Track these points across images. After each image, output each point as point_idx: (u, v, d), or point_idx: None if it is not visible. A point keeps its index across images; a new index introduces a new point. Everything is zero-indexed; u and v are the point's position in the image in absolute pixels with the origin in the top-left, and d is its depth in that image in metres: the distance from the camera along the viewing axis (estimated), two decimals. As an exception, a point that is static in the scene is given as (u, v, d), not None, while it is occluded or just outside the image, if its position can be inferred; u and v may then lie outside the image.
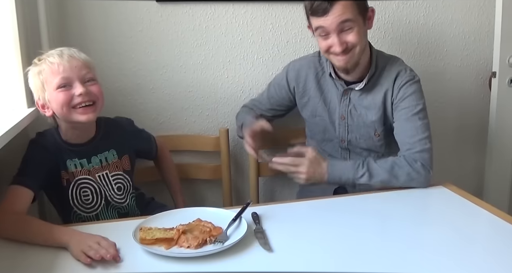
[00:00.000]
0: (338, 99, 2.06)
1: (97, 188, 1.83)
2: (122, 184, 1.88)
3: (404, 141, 1.93)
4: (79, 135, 1.80)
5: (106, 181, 1.85)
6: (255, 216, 1.63)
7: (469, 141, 2.81)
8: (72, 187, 1.79)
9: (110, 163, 1.86)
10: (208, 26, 2.36)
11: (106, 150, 1.85)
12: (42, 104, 1.74)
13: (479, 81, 2.73)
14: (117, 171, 1.87)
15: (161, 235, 1.44)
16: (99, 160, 1.83)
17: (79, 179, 1.79)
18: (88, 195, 1.81)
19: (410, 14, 2.55)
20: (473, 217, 1.69)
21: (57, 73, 1.68)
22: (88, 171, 1.81)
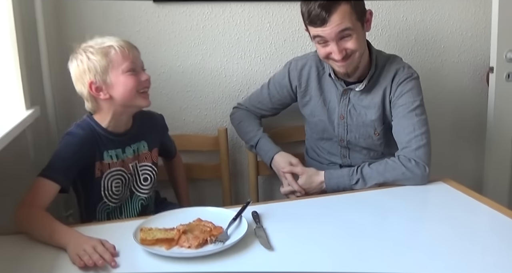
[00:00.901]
0: (337, 99, 2.06)
1: (127, 179, 1.85)
2: (149, 175, 1.90)
3: (401, 140, 1.93)
4: (122, 123, 1.81)
5: (135, 171, 1.87)
6: (255, 215, 1.63)
7: (468, 137, 2.82)
8: (105, 178, 1.79)
9: (140, 154, 1.88)
10: (205, 26, 2.36)
11: (138, 141, 1.88)
12: (98, 86, 1.71)
13: (477, 77, 2.74)
14: (145, 162, 1.90)
15: (161, 236, 1.44)
16: (132, 150, 1.85)
17: (112, 171, 1.80)
18: (119, 186, 1.83)
19: (407, 12, 2.55)
20: (473, 212, 1.69)
21: (127, 57, 1.71)
22: (122, 161, 1.82)
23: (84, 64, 1.70)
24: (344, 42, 1.86)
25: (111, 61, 1.69)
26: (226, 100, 2.45)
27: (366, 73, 1.99)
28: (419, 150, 1.88)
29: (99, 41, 1.73)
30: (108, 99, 1.73)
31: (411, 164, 1.86)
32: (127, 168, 1.84)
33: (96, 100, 1.75)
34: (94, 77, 1.69)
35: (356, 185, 1.88)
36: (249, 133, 2.20)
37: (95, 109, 1.77)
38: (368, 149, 2.10)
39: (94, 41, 1.74)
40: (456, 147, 2.81)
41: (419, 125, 1.91)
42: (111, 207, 1.83)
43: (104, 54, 1.70)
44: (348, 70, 1.93)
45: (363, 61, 1.96)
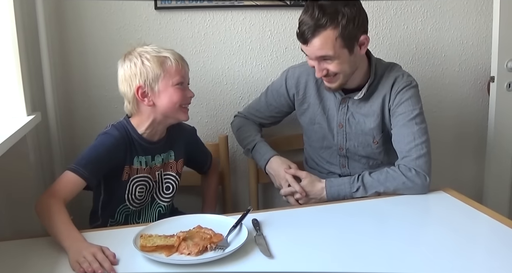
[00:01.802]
0: (336, 107, 2.06)
1: (151, 186, 1.89)
2: (171, 184, 1.94)
3: (401, 149, 1.93)
4: (157, 132, 1.85)
5: (159, 179, 1.91)
6: (255, 222, 1.63)
7: (468, 146, 2.82)
8: (131, 182, 1.82)
9: (167, 163, 1.92)
10: (206, 33, 2.37)
11: (167, 151, 1.91)
12: (145, 92, 1.76)
13: (478, 86, 2.74)
14: (170, 171, 1.93)
15: (161, 242, 1.44)
16: (162, 159, 1.89)
17: (139, 176, 1.84)
18: (143, 192, 1.87)
19: (408, 20, 2.56)
20: (473, 221, 1.69)
21: (180, 71, 1.78)
22: (150, 168, 1.86)
23: (137, 68, 1.75)
24: (326, 64, 1.88)
25: (165, 71, 1.75)
26: (227, 107, 2.46)
27: (365, 81, 1.99)
28: (420, 159, 1.88)
29: (155, 49, 1.79)
30: (151, 106, 1.78)
31: (411, 174, 1.86)
32: (153, 176, 1.88)
33: (138, 104, 1.80)
34: (144, 82, 1.75)
35: (357, 192, 1.88)
36: (247, 138, 2.20)
37: (133, 112, 1.82)
38: (367, 157, 2.10)
39: (151, 48, 1.79)
40: (457, 156, 2.81)
41: (419, 134, 1.91)
42: (131, 210, 1.87)
43: (160, 63, 1.75)
44: (332, 87, 1.96)
45: (358, 74, 1.96)
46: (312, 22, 1.79)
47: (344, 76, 1.91)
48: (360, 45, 1.89)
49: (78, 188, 1.67)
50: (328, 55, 1.83)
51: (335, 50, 1.82)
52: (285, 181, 1.99)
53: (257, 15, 2.40)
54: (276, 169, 2.04)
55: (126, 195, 1.83)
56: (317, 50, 1.83)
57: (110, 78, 2.28)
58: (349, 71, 1.91)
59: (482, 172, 2.78)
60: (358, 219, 1.71)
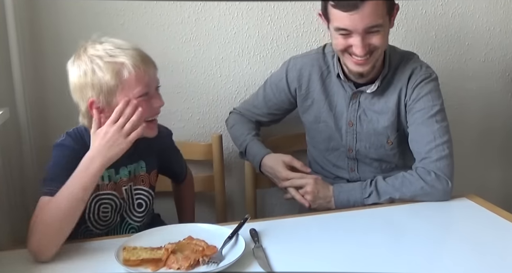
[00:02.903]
0: (345, 103, 2.06)
1: (118, 204, 1.80)
2: (143, 201, 1.86)
3: (419, 150, 1.93)
4: None
5: (128, 195, 1.82)
6: (253, 232, 1.64)
7: (495, 147, 2.83)
8: (92, 201, 1.75)
9: (137, 175, 1.84)
10: (198, 19, 2.38)
11: (135, 161, 1.83)
12: (100, 107, 1.65)
13: (506, 79, 2.75)
14: (142, 185, 1.85)
15: (147, 256, 1.45)
16: (128, 171, 1.80)
17: (102, 194, 1.76)
18: (108, 212, 1.79)
19: (426, 4, 2.57)
20: (501, 233, 1.69)
21: (141, 80, 1.65)
22: (115, 184, 1.78)
23: (87, 78, 1.64)
24: (370, 37, 1.84)
25: (122, 83, 1.63)
26: (222, 103, 2.47)
27: (378, 73, 1.99)
28: (441, 161, 1.88)
29: (109, 51, 1.65)
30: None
31: (431, 178, 1.86)
32: (120, 192, 1.80)
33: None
34: (98, 96, 1.64)
35: (369, 199, 1.88)
36: (238, 138, 2.22)
37: (90, 126, 1.67)
38: (379, 160, 2.11)
39: (103, 49, 1.65)
40: (482, 158, 2.82)
41: (440, 133, 1.91)
42: (94, 232, 1.80)
43: (115, 74, 1.62)
44: (365, 70, 1.92)
45: (379, 59, 1.96)
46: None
47: (381, 53, 1.91)
48: (392, 16, 1.91)
49: None
50: (378, 24, 1.82)
51: (383, 17, 1.83)
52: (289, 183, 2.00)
53: (255, -2, 2.41)
54: (271, 171, 2.06)
55: (86, 214, 1.75)
56: (368, 17, 1.79)
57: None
58: (383, 48, 1.91)
59: (511, 176, 2.79)
60: (369, 230, 1.72)
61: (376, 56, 1.90)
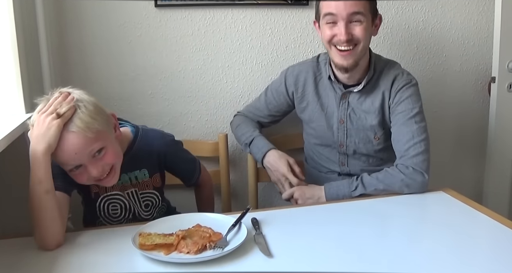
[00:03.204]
0: (336, 103, 2.07)
1: (126, 204, 1.78)
2: (150, 201, 1.82)
3: (399, 149, 1.94)
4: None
5: (135, 198, 1.79)
6: (254, 221, 1.64)
7: (469, 146, 2.83)
8: (101, 201, 1.75)
9: (140, 181, 1.78)
10: (207, 31, 2.38)
11: (137, 169, 1.76)
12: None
13: (479, 86, 2.75)
14: (147, 189, 1.80)
15: (160, 241, 1.45)
16: (129, 178, 1.76)
17: (109, 195, 1.76)
18: (117, 210, 1.78)
19: (409, 19, 2.57)
20: (473, 222, 1.69)
21: (68, 153, 1.49)
22: (118, 187, 1.75)
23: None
24: (353, 27, 1.89)
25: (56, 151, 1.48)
26: (227, 106, 2.46)
27: (364, 75, 2.01)
28: (417, 157, 1.89)
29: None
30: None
31: (409, 171, 1.87)
32: (124, 194, 1.78)
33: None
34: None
35: (356, 191, 1.89)
36: (245, 134, 2.21)
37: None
38: (367, 155, 2.11)
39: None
40: (457, 156, 2.82)
41: (418, 132, 1.92)
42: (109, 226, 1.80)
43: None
44: (349, 63, 1.94)
45: (363, 61, 1.98)
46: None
47: (362, 48, 1.92)
48: (375, 25, 1.97)
49: (66, 203, 1.60)
50: (360, 12, 1.87)
51: (366, 9, 1.88)
52: (285, 179, 2.02)
53: (258, 13, 2.40)
54: (273, 164, 2.06)
55: (98, 213, 1.76)
56: (351, 4, 1.86)
57: (110, 77, 2.30)
58: (366, 45, 1.94)
59: (482, 173, 2.78)
60: (357, 218, 1.72)
61: (358, 50, 1.92)
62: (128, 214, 1.80)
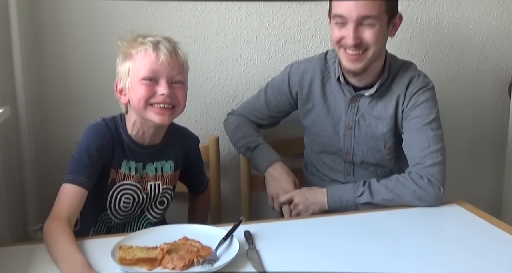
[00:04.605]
0: (345, 107, 2.06)
1: (140, 198, 1.83)
2: (166, 198, 1.90)
3: (413, 155, 1.94)
4: (147, 135, 1.80)
5: (154, 193, 1.86)
6: (248, 234, 1.63)
7: (486, 154, 2.83)
8: (115, 190, 1.79)
9: (165, 174, 1.87)
10: (198, 23, 2.38)
11: (164, 160, 1.87)
12: (121, 88, 1.75)
13: (498, 88, 2.75)
14: (169, 184, 1.89)
15: (143, 255, 1.44)
16: (155, 168, 1.85)
17: (126, 184, 1.80)
18: (129, 204, 1.82)
19: (421, 13, 2.57)
20: (490, 239, 1.69)
21: (148, 64, 1.68)
22: (140, 178, 1.82)
23: (117, 63, 1.78)
24: (363, 30, 1.87)
25: (133, 65, 1.71)
26: (219, 106, 2.46)
27: (378, 78, 2.00)
28: (434, 167, 1.89)
29: (139, 38, 1.73)
30: (127, 103, 1.77)
31: (423, 182, 1.86)
32: (144, 187, 1.83)
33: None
34: (120, 79, 1.75)
35: (361, 197, 1.88)
36: (247, 137, 2.21)
37: (125, 110, 1.81)
38: (375, 165, 2.11)
39: (133, 38, 1.74)
40: (473, 166, 2.82)
41: (434, 140, 1.92)
42: (113, 222, 1.83)
43: (127, 58, 1.72)
44: (357, 68, 1.93)
45: (376, 64, 1.97)
46: None
47: (374, 54, 1.91)
48: (393, 25, 1.95)
49: (81, 199, 1.65)
50: (372, 16, 1.84)
51: (380, 11, 1.85)
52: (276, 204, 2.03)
53: (254, 4, 2.41)
54: (279, 177, 2.06)
55: (107, 203, 1.79)
56: (362, 5, 1.83)
57: (89, 71, 2.30)
58: (378, 50, 1.92)
59: (501, 184, 2.79)
60: (361, 233, 1.71)
61: (368, 55, 1.91)
62: (137, 210, 1.85)
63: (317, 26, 2.41)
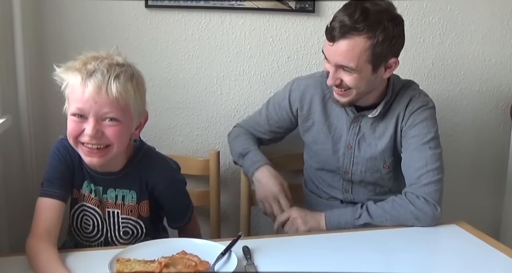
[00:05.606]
0: (346, 127, 2.07)
1: (100, 224, 1.76)
2: (130, 229, 1.78)
3: (410, 176, 1.94)
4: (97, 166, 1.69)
5: (114, 221, 1.77)
6: (246, 250, 1.63)
7: (486, 175, 2.83)
8: (76, 209, 1.76)
9: (126, 204, 1.76)
10: (201, 37, 2.39)
11: (127, 188, 1.75)
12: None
13: (500, 109, 2.76)
14: (130, 215, 1.77)
15: (140, 268, 1.45)
16: (115, 195, 1.75)
17: (86, 205, 1.75)
18: (89, 226, 1.77)
19: (425, 32, 2.59)
20: (488, 261, 1.70)
21: (75, 100, 1.56)
22: (99, 202, 1.74)
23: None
24: (342, 73, 1.88)
25: (67, 95, 1.61)
26: (221, 120, 2.47)
27: (381, 99, 2.01)
28: (429, 186, 1.89)
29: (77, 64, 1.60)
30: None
31: (419, 202, 1.86)
32: (103, 212, 1.76)
33: None
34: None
35: (359, 219, 1.89)
36: (242, 145, 2.21)
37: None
38: (374, 184, 2.11)
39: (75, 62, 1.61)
40: (472, 186, 2.82)
41: (432, 159, 1.92)
42: (80, 243, 1.80)
43: (66, 85, 1.60)
44: (340, 101, 1.97)
45: (376, 91, 1.98)
46: (349, 22, 1.80)
47: (357, 94, 1.93)
48: (386, 68, 1.91)
49: (58, 211, 1.63)
50: (348, 66, 1.84)
51: (359, 63, 1.83)
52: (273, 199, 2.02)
53: (258, 19, 2.42)
54: (266, 181, 2.06)
55: (70, 221, 1.77)
56: (340, 55, 1.84)
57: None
58: (364, 90, 1.93)
59: (501, 205, 2.79)
60: (359, 252, 1.72)
61: (352, 93, 1.93)
62: (100, 235, 1.79)
63: (320, 43, 2.42)
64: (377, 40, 1.81)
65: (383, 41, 1.82)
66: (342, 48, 1.82)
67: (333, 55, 1.86)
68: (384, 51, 1.84)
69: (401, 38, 1.90)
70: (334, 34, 1.82)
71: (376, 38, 1.81)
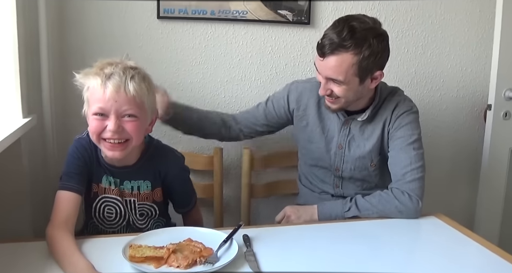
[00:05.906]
0: (337, 128, 2.06)
1: (122, 210, 1.77)
2: (145, 211, 1.80)
3: (396, 173, 1.94)
4: (115, 159, 1.68)
5: (131, 207, 1.77)
6: (246, 238, 1.63)
7: (462, 172, 2.84)
8: (98, 202, 1.76)
9: (142, 193, 1.77)
10: (207, 45, 2.39)
11: (142, 179, 1.77)
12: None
13: (474, 113, 2.76)
14: (146, 201, 1.79)
15: (151, 253, 1.44)
16: (131, 187, 1.76)
17: (107, 196, 1.75)
18: (112, 214, 1.77)
19: (408, 44, 2.59)
20: (463, 249, 1.70)
21: (96, 100, 1.57)
22: (119, 191, 1.75)
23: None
24: (332, 85, 1.88)
25: (88, 97, 1.61)
26: (224, 120, 2.46)
27: (369, 103, 2.01)
28: (413, 183, 1.89)
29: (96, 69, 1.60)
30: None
31: (404, 197, 1.87)
32: (123, 200, 1.77)
33: None
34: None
35: (349, 212, 1.89)
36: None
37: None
38: (362, 180, 2.11)
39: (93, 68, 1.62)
40: (450, 182, 2.82)
41: (416, 159, 1.92)
42: (100, 229, 1.80)
43: (87, 88, 1.61)
44: (331, 108, 1.97)
45: (365, 98, 1.98)
46: (337, 40, 1.79)
47: (346, 102, 1.93)
48: (373, 79, 1.90)
49: (75, 204, 1.62)
50: (338, 79, 1.84)
51: (347, 76, 1.83)
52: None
53: (259, 30, 2.42)
54: None
55: (93, 213, 1.77)
56: (329, 69, 1.84)
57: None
58: (352, 99, 1.93)
59: (475, 199, 2.79)
60: (349, 239, 1.72)
61: (341, 102, 1.93)
62: (123, 220, 1.80)
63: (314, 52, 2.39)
64: (363, 56, 1.80)
65: (369, 56, 1.81)
66: (331, 63, 1.82)
67: (324, 69, 1.86)
68: (370, 65, 1.84)
69: (385, 52, 1.88)
70: (324, 50, 1.83)
71: (362, 54, 1.80)
